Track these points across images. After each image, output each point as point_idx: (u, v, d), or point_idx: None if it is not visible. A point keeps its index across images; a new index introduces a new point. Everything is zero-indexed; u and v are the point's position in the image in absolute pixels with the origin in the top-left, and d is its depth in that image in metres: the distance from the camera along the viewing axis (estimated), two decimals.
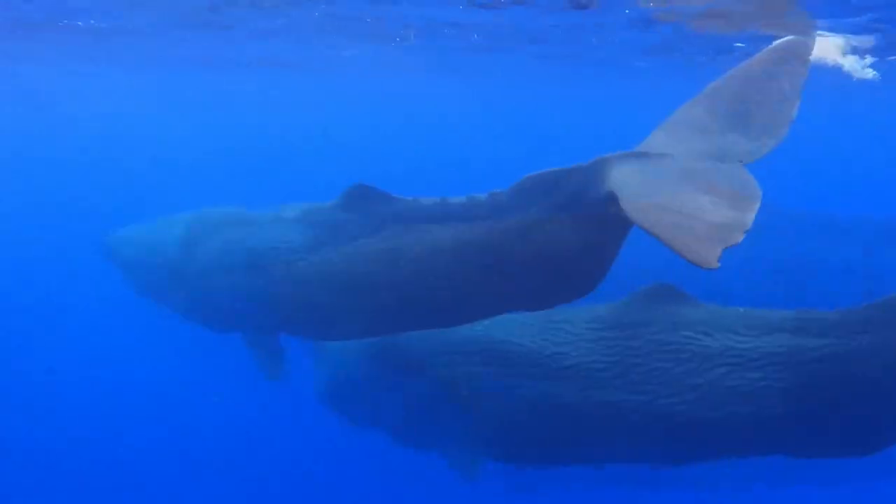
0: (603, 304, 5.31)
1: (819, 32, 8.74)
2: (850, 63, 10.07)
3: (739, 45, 10.24)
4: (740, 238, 2.81)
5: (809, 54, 3.54)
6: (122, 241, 6.81)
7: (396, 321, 5.21)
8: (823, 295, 7.17)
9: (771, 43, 3.87)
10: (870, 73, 10.58)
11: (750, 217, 2.92)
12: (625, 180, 3.39)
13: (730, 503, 6.92)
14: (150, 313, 6.80)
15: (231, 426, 9.16)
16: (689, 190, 3.17)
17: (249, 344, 5.95)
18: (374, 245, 4.90)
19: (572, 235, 3.92)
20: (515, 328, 5.40)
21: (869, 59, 10.48)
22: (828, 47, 9.32)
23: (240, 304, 5.76)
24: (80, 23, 10.36)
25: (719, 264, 2.67)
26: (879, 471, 5.95)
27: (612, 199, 3.32)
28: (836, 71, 9.93)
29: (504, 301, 4.66)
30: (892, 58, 11.25)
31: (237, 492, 8.38)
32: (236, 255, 5.68)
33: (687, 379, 4.88)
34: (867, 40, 9.64)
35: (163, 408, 9.47)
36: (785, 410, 4.72)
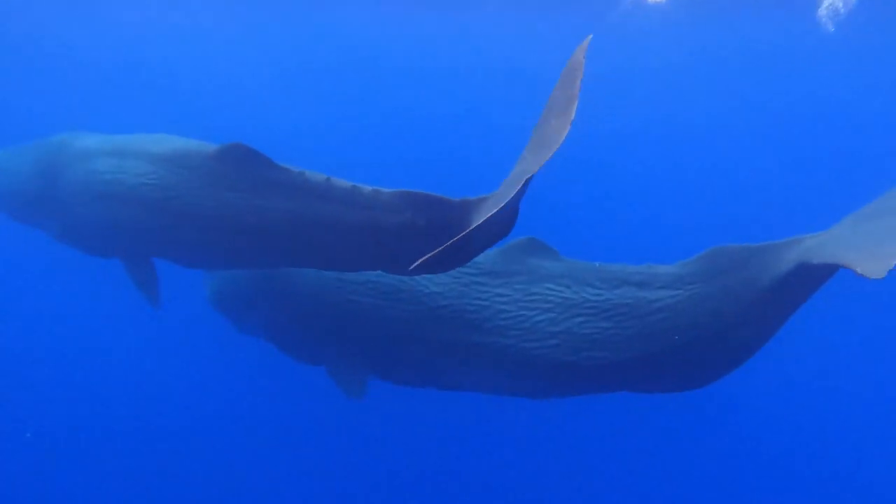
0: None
1: None
2: None
3: None
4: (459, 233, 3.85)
5: (580, 63, 3.61)
6: None
7: (269, 264, 5.39)
8: None
9: None
10: None
11: (480, 217, 3.76)
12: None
13: None
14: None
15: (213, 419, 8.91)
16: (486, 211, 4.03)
17: (126, 269, 5.81)
18: (254, 202, 4.99)
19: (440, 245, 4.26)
20: None
21: None
22: None
23: (107, 235, 5.58)
24: None
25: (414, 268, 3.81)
26: None
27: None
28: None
29: (372, 266, 5.07)
30: None
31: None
32: (103, 186, 5.45)
33: (548, 327, 5.28)
34: None
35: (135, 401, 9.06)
36: (631, 355, 5.23)
